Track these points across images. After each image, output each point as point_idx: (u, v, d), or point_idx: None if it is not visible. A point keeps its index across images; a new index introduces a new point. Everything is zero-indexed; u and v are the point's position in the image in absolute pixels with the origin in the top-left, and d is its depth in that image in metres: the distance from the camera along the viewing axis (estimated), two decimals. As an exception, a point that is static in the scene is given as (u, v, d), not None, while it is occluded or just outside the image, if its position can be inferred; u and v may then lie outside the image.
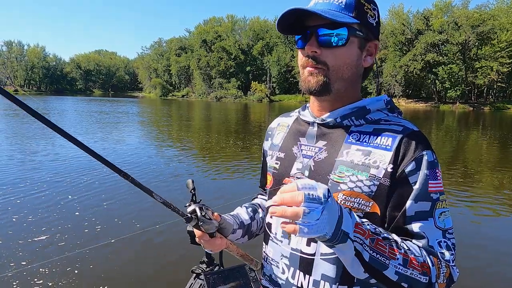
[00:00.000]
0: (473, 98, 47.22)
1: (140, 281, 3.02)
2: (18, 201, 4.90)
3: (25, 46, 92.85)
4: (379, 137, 0.75)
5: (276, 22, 0.76)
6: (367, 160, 0.74)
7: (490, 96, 48.72)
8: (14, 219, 4.24)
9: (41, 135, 11.34)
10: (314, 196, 0.56)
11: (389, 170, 0.71)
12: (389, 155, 0.72)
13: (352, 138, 0.78)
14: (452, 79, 44.94)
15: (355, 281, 0.75)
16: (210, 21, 73.82)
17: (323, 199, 0.56)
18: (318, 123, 0.84)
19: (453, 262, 0.71)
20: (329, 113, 0.81)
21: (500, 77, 42.14)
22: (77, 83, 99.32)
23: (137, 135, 13.13)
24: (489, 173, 7.78)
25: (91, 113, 23.05)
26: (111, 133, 13.26)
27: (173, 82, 79.48)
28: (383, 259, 0.64)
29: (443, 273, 0.68)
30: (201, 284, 1.81)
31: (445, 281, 0.68)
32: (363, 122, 0.79)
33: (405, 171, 0.71)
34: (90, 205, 4.80)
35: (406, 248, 0.67)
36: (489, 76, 42.31)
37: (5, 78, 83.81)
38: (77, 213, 4.50)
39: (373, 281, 0.66)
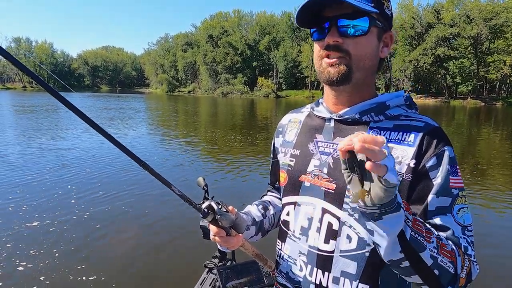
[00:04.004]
0: (484, 93, 46.20)
1: (152, 274, 3.02)
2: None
3: (33, 42, 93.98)
4: (401, 133, 0.75)
5: (296, 14, 0.76)
6: None
7: (503, 91, 47.59)
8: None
9: (45, 132, 11.44)
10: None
11: (412, 165, 0.71)
12: (411, 150, 0.72)
13: (372, 134, 0.74)
14: (463, 74, 43.93)
15: (379, 282, 0.73)
16: (217, 16, 73.49)
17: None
18: (335, 119, 0.82)
19: (474, 258, 0.70)
20: (347, 109, 0.80)
21: (513, 71, 41.09)
22: (84, 79, 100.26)
23: (143, 132, 13.18)
24: (501, 170, 7.58)
25: (100, 109, 23.25)
26: (119, 129, 13.35)
27: (180, 78, 79.65)
28: (422, 239, 0.61)
29: (466, 266, 0.66)
30: (213, 279, 1.79)
31: (465, 276, 0.66)
32: (382, 118, 0.78)
33: (426, 166, 0.71)
34: (102, 201, 4.84)
35: (437, 233, 0.66)
36: (501, 71, 41.28)
37: (14, 74, 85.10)
38: (91, 207, 4.54)
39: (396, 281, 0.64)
